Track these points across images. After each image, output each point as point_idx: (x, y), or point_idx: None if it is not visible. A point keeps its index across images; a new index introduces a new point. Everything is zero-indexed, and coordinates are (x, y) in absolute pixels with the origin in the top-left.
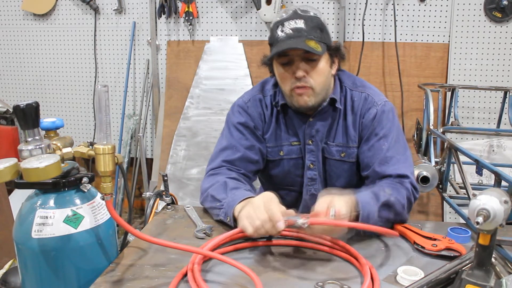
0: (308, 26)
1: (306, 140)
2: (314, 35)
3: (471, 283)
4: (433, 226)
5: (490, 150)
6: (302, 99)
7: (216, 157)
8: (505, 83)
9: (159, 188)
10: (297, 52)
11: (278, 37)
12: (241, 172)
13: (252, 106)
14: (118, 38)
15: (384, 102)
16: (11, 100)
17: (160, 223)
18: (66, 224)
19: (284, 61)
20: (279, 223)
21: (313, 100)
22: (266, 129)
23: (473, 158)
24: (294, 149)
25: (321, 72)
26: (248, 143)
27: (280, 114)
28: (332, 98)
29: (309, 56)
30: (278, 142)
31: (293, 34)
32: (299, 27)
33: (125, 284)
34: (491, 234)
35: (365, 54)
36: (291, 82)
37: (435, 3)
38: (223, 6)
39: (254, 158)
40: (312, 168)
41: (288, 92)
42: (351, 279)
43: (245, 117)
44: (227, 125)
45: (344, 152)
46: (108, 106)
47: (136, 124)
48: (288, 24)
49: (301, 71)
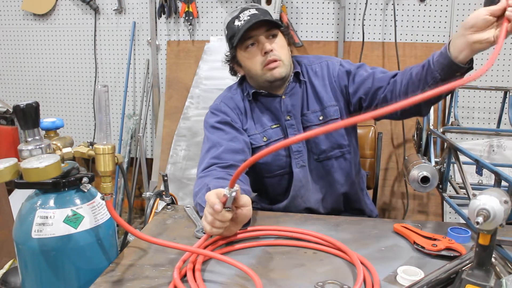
0: (260, 11)
1: (284, 117)
2: (268, 16)
3: (471, 283)
4: (433, 226)
5: (490, 150)
6: (276, 71)
7: (204, 158)
8: (505, 83)
9: (159, 188)
10: (260, 31)
11: (238, 26)
12: (229, 163)
13: (224, 105)
14: (118, 38)
15: (341, 59)
16: (11, 100)
17: (160, 223)
18: (66, 224)
19: (249, 43)
20: (216, 206)
21: (284, 71)
22: (243, 120)
23: (473, 158)
24: (275, 131)
25: (284, 45)
26: (229, 136)
27: (253, 103)
28: (296, 72)
29: (271, 33)
30: (259, 129)
31: (251, 18)
32: (254, 13)
33: (125, 284)
34: (491, 234)
35: (365, 54)
36: (261, 59)
37: (435, 3)
38: (223, 6)
39: (238, 147)
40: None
41: (260, 71)
42: (351, 279)
43: (220, 116)
44: (206, 129)
45: (322, 115)
46: (108, 106)
47: (136, 124)
48: (243, 14)
49: (269, 45)
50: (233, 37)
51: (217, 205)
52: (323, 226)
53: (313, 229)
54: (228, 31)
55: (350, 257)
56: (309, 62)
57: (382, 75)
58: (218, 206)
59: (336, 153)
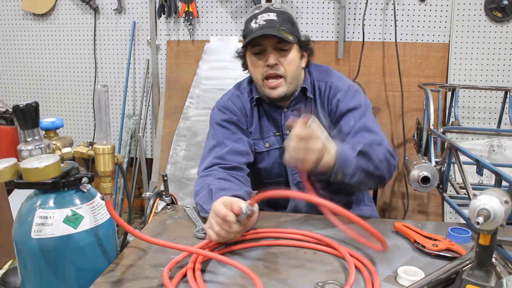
0: (280, 18)
1: (284, 130)
2: (285, 26)
3: (472, 283)
4: (433, 226)
5: (490, 150)
6: (274, 92)
7: (207, 156)
8: (505, 83)
9: (159, 188)
10: (270, 42)
11: (252, 28)
12: (233, 165)
13: (232, 104)
14: (118, 38)
15: (348, 86)
16: (11, 100)
17: (160, 223)
18: (66, 224)
19: (257, 50)
20: (228, 217)
21: (285, 90)
22: (249, 122)
23: (474, 158)
24: (278, 139)
25: (292, 61)
26: (235, 136)
27: (258, 107)
28: (304, 87)
29: (281, 46)
30: (262, 134)
31: (266, 25)
32: (272, 19)
33: (125, 284)
34: (491, 234)
35: (365, 54)
36: (263, 70)
37: (435, 3)
38: (223, 6)
39: (243, 149)
40: None
41: (260, 81)
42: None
43: (227, 114)
44: (211, 126)
45: None
46: (108, 106)
47: (136, 124)
48: (262, 16)
49: (273, 59)
50: (245, 36)
51: (230, 217)
52: (324, 226)
53: (313, 229)
54: (244, 27)
55: (340, 253)
56: (318, 78)
57: (350, 141)
58: (231, 218)
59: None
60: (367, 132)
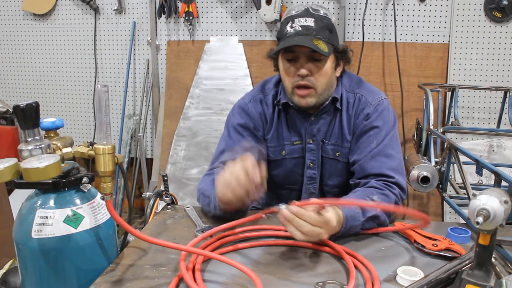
0: (318, 25)
1: (307, 139)
2: (322, 35)
3: (471, 283)
4: (433, 226)
5: (490, 150)
6: (303, 101)
7: (216, 159)
8: (505, 83)
9: (159, 188)
10: (303, 50)
11: (286, 33)
12: None
13: (252, 107)
14: (118, 38)
15: (378, 102)
16: (11, 100)
17: (160, 223)
18: (66, 224)
19: (290, 57)
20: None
21: (314, 101)
22: (267, 129)
23: (473, 158)
24: (296, 148)
25: (325, 73)
26: (247, 144)
27: (282, 113)
28: (334, 97)
29: (315, 56)
30: (280, 141)
31: (302, 32)
32: (309, 25)
33: (125, 284)
34: (491, 234)
35: (365, 54)
36: (294, 79)
37: (435, 3)
38: (223, 6)
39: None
40: (312, 167)
41: (290, 89)
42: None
43: (245, 119)
44: (227, 127)
45: (339, 152)
46: (108, 106)
47: (136, 124)
48: (298, 21)
49: (305, 70)
50: (279, 39)
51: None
52: None
53: None
54: (280, 28)
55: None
56: (348, 88)
57: (364, 165)
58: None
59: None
60: (385, 157)
